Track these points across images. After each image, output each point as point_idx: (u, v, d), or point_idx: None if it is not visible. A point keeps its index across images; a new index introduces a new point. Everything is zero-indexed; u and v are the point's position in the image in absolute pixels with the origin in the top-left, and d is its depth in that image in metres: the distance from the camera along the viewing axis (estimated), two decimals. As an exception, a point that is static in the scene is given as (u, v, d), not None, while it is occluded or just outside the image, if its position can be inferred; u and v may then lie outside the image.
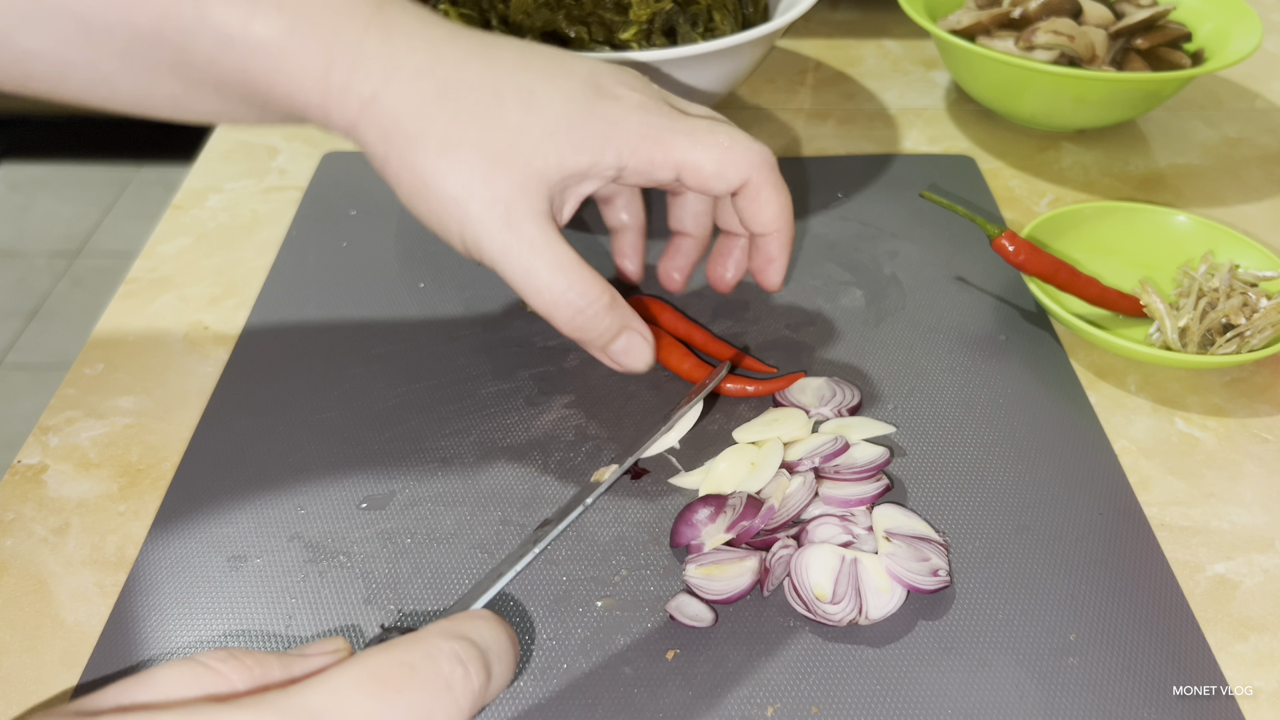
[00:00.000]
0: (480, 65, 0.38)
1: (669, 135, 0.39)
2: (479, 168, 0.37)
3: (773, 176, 0.41)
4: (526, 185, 0.38)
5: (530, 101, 0.38)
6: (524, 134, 0.38)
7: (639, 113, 0.39)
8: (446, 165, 0.37)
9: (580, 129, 0.38)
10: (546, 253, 0.38)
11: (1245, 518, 0.41)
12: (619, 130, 0.39)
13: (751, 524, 0.37)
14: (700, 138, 0.40)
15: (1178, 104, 0.70)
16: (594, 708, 0.33)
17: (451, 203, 0.38)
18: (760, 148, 0.41)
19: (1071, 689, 0.34)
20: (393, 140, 0.38)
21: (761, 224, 0.42)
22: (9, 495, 0.40)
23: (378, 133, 0.38)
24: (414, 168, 0.38)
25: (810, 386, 0.44)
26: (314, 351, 0.47)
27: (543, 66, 0.39)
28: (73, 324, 1.79)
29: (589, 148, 0.38)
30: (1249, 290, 0.48)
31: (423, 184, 0.38)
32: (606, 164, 0.39)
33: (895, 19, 0.80)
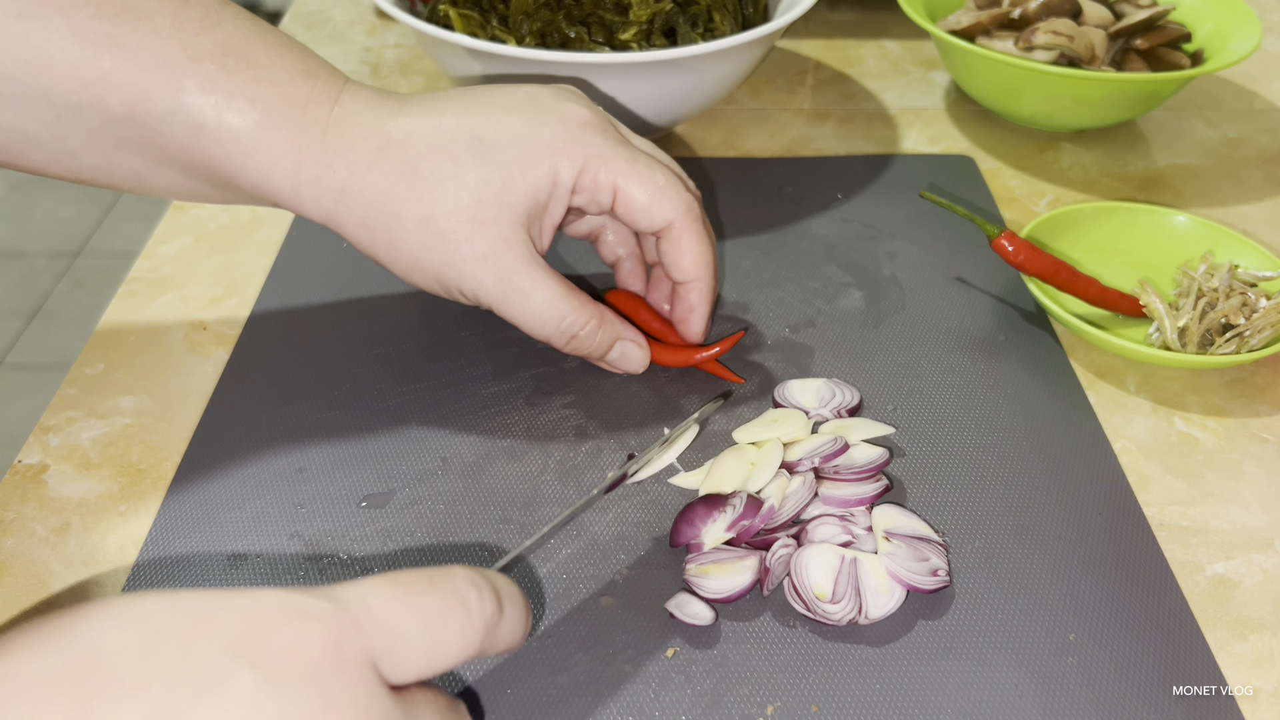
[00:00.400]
0: (429, 130, 0.40)
1: (612, 159, 0.41)
2: (458, 232, 0.39)
3: (695, 225, 0.42)
4: (504, 234, 0.40)
5: (481, 150, 0.40)
6: (486, 185, 0.39)
7: (585, 131, 0.41)
8: (428, 238, 0.40)
9: (531, 160, 0.40)
10: (536, 294, 0.40)
11: (1245, 517, 0.41)
12: (567, 149, 0.40)
13: (751, 523, 0.37)
14: (639, 168, 0.41)
15: (1177, 104, 0.70)
16: (594, 705, 0.33)
17: (444, 268, 0.40)
18: (688, 196, 0.42)
19: (1071, 688, 0.34)
20: (373, 228, 0.40)
21: (681, 270, 0.43)
22: (9, 495, 0.40)
23: (356, 221, 0.40)
24: (400, 248, 0.40)
25: (810, 388, 0.44)
26: (314, 351, 0.47)
27: (483, 110, 0.41)
28: (73, 324, 1.79)
29: (544, 173, 0.40)
30: (1248, 290, 0.48)
31: (413, 260, 0.40)
32: (563, 183, 0.40)
33: (895, 19, 0.80)
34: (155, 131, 0.38)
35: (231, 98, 0.38)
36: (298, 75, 0.39)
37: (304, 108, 0.39)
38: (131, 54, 0.37)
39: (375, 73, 0.72)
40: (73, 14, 0.36)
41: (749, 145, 0.64)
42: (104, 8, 0.37)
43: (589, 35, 0.58)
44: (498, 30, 0.59)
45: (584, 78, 0.54)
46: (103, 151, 0.39)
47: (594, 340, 0.42)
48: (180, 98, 0.37)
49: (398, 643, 0.25)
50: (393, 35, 0.77)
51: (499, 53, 0.52)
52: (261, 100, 0.38)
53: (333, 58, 0.73)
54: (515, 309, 0.41)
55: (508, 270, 0.40)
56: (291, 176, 0.39)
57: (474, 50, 0.54)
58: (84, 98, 0.37)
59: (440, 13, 0.60)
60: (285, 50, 0.40)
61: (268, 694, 0.22)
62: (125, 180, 0.40)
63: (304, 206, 0.40)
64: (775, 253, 0.54)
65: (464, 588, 0.26)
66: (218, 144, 0.38)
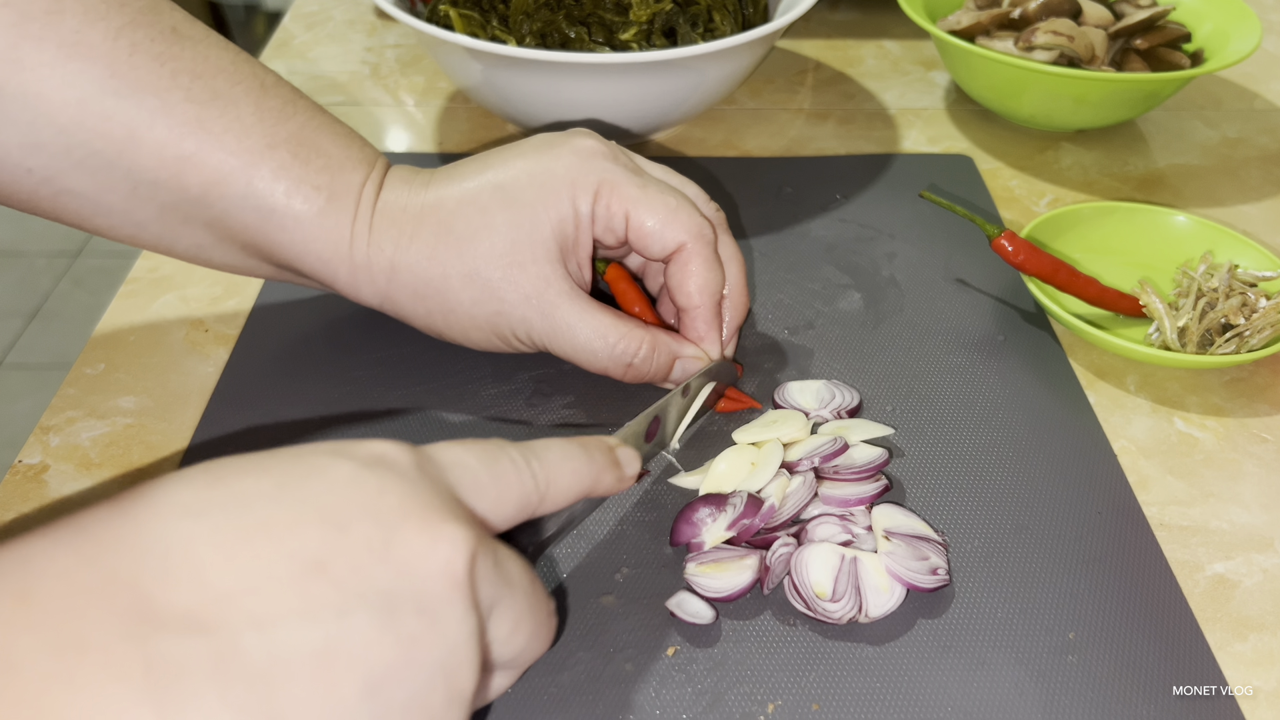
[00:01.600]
0: (456, 192, 0.41)
1: (623, 185, 0.41)
2: (500, 279, 0.41)
3: (705, 250, 0.42)
4: (542, 272, 0.41)
5: (504, 196, 0.41)
6: (516, 227, 0.40)
7: (595, 159, 0.41)
8: (477, 292, 0.41)
9: (552, 194, 0.41)
10: (582, 326, 0.41)
11: (1244, 517, 0.41)
12: (581, 178, 0.41)
13: (752, 522, 0.37)
14: (650, 194, 0.41)
15: (1177, 104, 0.70)
16: (595, 704, 0.33)
17: (495, 318, 0.41)
18: (700, 220, 0.42)
19: (1070, 687, 0.34)
20: (425, 295, 0.41)
21: (685, 294, 0.42)
22: (10, 495, 0.40)
23: (410, 294, 0.42)
24: (454, 309, 0.41)
25: (809, 389, 0.44)
26: (314, 353, 0.47)
27: (500, 161, 0.42)
28: (73, 324, 1.79)
29: (566, 205, 0.41)
30: (1248, 290, 0.48)
31: (469, 318, 0.41)
32: (583, 213, 0.41)
33: (895, 19, 0.81)
34: (225, 211, 0.40)
35: (301, 185, 0.40)
36: (359, 163, 0.42)
37: (359, 194, 0.41)
38: (216, 138, 0.39)
39: (375, 73, 0.72)
40: (165, 96, 0.38)
41: (749, 145, 0.64)
42: (195, 93, 0.38)
43: (589, 35, 0.58)
44: (498, 30, 0.59)
45: (584, 78, 0.54)
46: (170, 224, 0.40)
47: (652, 364, 0.42)
48: (254, 183, 0.39)
49: (464, 474, 0.28)
50: (393, 35, 0.77)
51: (499, 53, 0.53)
52: (325, 188, 0.40)
53: (332, 58, 0.74)
54: (566, 344, 0.41)
55: (550, 307, 0.41)
56: (348, 261, 0.41)
57: (474, 50, 0.54)
58: (163, 175, 0.38)
59: (440, 13, 0.60)
60: (350, 140, 0.42)
61: (366, 474, 0.25)
62: (187, 251, 0.42)
63: (360, 290, 0.42)
64: (774, 254, 0.54)
65: (510, 454, 0.29)
66: (283, 229, 0.40)
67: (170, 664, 0.20)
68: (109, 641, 0.20)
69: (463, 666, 0.24)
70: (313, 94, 0.69)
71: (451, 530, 0.25)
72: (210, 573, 0.22)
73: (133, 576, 0.21)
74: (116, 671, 0.20)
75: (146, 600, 0.21)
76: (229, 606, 0.21)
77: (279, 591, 0.22)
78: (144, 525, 0.22)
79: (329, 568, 0.23)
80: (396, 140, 0.64)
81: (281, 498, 0.24)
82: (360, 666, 0.22)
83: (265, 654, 0.21)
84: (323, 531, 0.23)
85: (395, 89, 0.70)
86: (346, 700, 0.22)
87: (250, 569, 0.22)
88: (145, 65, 0.37)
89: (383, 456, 0.26)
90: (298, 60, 0.73)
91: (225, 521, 0.23)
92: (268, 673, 0.21)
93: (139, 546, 0.22)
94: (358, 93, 0.69)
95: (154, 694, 0.20)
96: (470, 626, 0.25)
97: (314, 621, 0.22)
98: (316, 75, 0.71)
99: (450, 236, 0.41)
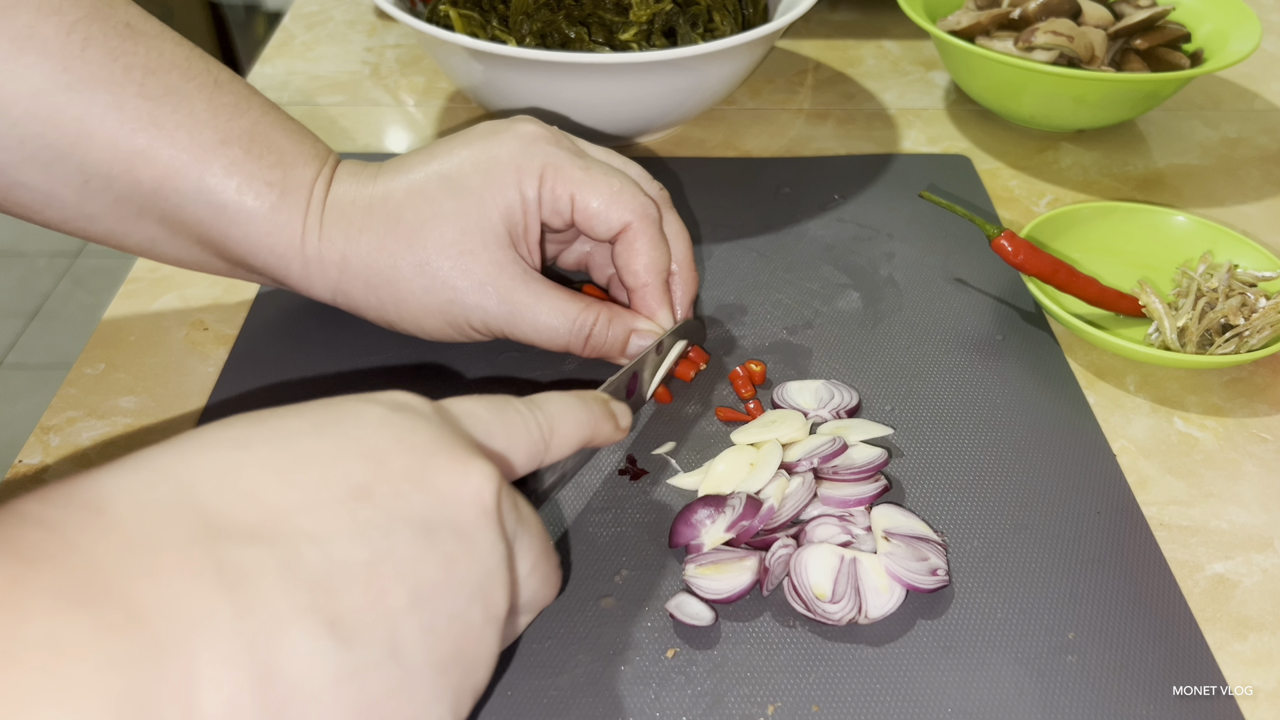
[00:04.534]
0: (402, 183, 0.42)
1: (567, 168, 0.41)
2: (452, 268, 0.41)
3: (650, 229, 0.43)
4: (494, 258, 0.41)
5: (450, 185, 0.41)
6: (464, 215, 0.41)
7: (538, 145, 0.42)
8: (428, 281, 0.41)
9: (498, 181, 0.41)
10: (541, 306, 0.42)
11: (1244, 517, 0.41)
12: (525, 163, 0.41)
13: (751, 524, 0.37)
14: (593, 176, 0.42)
15: (1177, 104, 0.70)
16: (595, 707, 0.33)
17: (449, 306, 0.41)
18: (644, 200, 0.42)
19: (1070, 687, 0.34)
20: (376, 286, 0.42)
21: (632, 274, 0.43)
22: (10, 495, 0.40)
23: (361, 285, 0.42)
24: (405, 300, 0.42)
25: (808, 389, 0.44)
26: (313, 353, 0.47)
27: (444, 152, 0.42)
28: (74, 324, 1.79)
29: (512, 191, 0.41)
30: (1247, 290, 0.48)
31: (421, 308, 0.42)
32: (530, 198, 0.41)
33: (894, 19, 0.80)
34: (178, 206, 0.40)
35: (253, 180, 0.40)
36: (311, 158, 0.42)
37: (310, 190, 0.41)
38: (168, 133, 0.39)
39: (375, 73, 0.72)
40: (118, 91, 0.38)
41: (749, 145, 0.64)
42: (148, 88, 0.39)
43: (589, 35, 0.58)
44: (498, 30, 0.59)
45: (584, 78, 0.54)
46: (122, 218, 0.41)
47: (608, 334, 0.43)
48: (206, 179, 0.39)
49: (477, 424, 0.30)
50: (393, 35, 0.77)
51: (499, 53, 0.53)
52: (278, 184, 0.41)
53: (333, 58, 0.74)
54: (526, 326, 0.42)
55: (507, 291, 0.41)
56: (300, 255, 0.41)
57: (474, 50, 0.54)
58: (116, 169, 0.39)
59: (440, 13, 0.60)
60: (302, 137, 0.42)
61: (395, 416, 0.27)
62: (138, 245, 0.42)
63: (312, 283, 0.42)
64: (773, 254, 0.54)
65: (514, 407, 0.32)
66: (236, 224, 0.40)
67: (239, 567, 0.22)
68: (181, 545, 0.22)
69: (497, 588, 0.26)
70: (313, 94, 0.69)
71: (480, 464, 0.27)
72: (266, 493, 0.24)
73: (194, 496, 0.23)
74: (192, 569, 0.21)
75: (210, 514, 0.23)
76: (286, 522, 0.23)
77: (330, 511, 0.24)
78: (196, 457, 0.24)
79: (373, 493, 0.25)
80: (396, 140, 0.64)
81: (322, 434, 0.25)
82: (408, 579, 0.24)
83: (323, 562, 0.23)
84: (364, 462, 0.25)
85: (395, 89, 0.70)
86: (397, 609, 0.24)
87: (302, 491, 0.24)
88: (98, 60, 0.37)
89: (406, 403, 0.28)
90: (298, 60, 0.73)
91: (272, 453, 0.24)
92: (326, 579, 0.23)
93: (196, 473, 0.23)
94: (358, 93, 0.69)
95: (228, 591, 0.21)
96: (501, 552, 0.27)
97: (363, 538, 0.24)
98: (316, 75, 0.71)
99: (400, 227, 0.41)
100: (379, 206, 0.41)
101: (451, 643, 0.25)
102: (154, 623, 0.20)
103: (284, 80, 0.70)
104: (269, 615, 0.22)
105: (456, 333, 0.43)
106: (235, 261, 0.42)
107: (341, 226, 0.41)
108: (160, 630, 0.20)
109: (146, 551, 0.21)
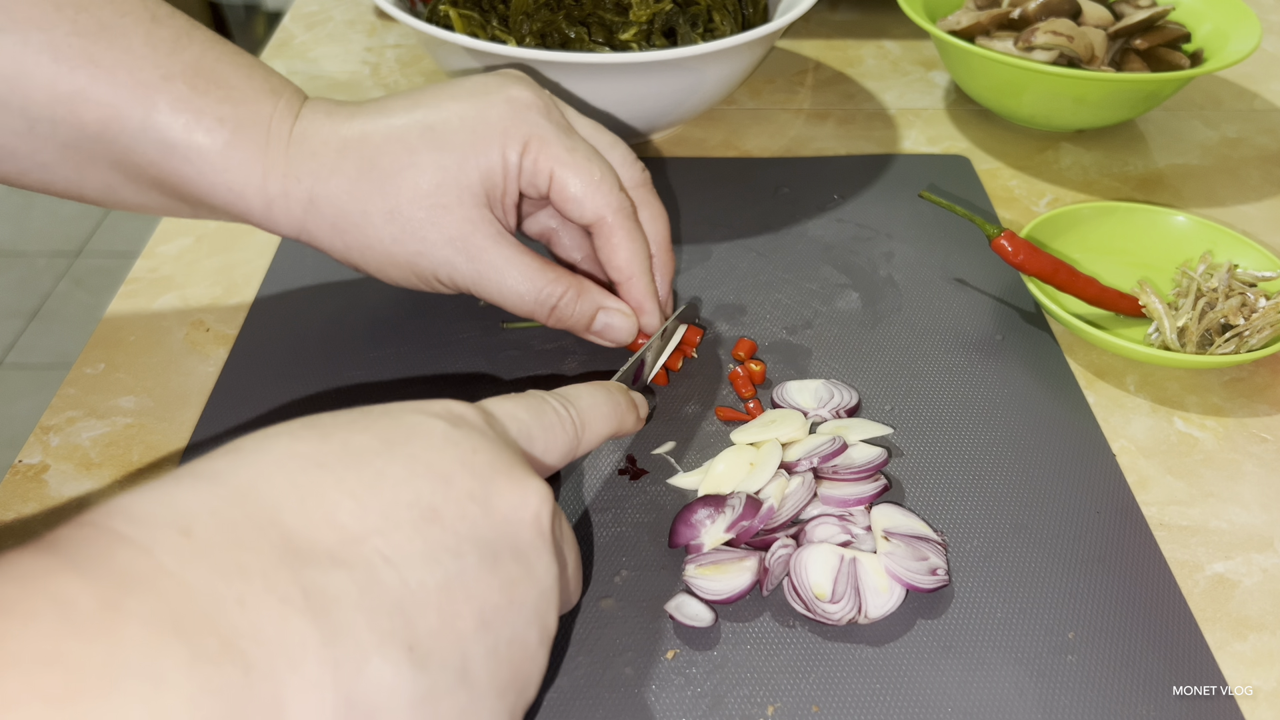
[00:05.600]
0: (382, 128, 0.41)
1: (552, 143, 0.41)
2: (423, 219, 0.40)
3: (627, 223, 0.42)
4: (468, 215, 0.40)
5: (433, 137, 0.40)
6: (443, 169, 0.40)
7: (528, 112, 0.41)
8: (397, 230, 0.40)
9: (483, 141, 0.40)
10: (510, 269, 0.41)
11: (1244, 517, 0.41)
12: (513, 129, 0.41)
13: (751, 524, 0.37)
14: (577, 158, 0.41)
15: (1176, 104, 0.70)
16: (595, 708, 0.33)
17: (416, 257, 0.41)
18: (621, 197, 0.42)
19: (1070, 687, 0.34)
20: (344, 229, 0.41)
21: (614, 267, 0.43)
22: (10, 495, 0.40)
23: (327, 227, 0.41)
24: (372, 245, 0.41)
25: (808, 388, 0.44)
26: (313, 352, 0.47)
27: (432, 101, 0.42)
28: (73, 324, 1.79)
29: (496, 154, 0.40)
30: (1247, 290, 0.48)
31: (387, 255, 0.41)
32: (512, 163, 0.41)
33: (894, 19, 0.80)
34: (127, 148, 0.39)
35: (201, 117, 0.39)
36: (264, 94, 0.41)
37: (269, 125, 0.40)
38: (106, 71, 0.38)
39: (375, 73, 0.72)
40: (50, 30, 0.37)
41: (749, 145, 0.64)
42: (81, 25, 0.38)
43: (589, 35, 0.58)
44: (498, 30, 0.59)
45: (584, 78, 0.54)
46: (75, 164, 0.40)
47: (574, 309, 0.43)
48: (152, 116, 0.38)
49: (520, 428, 0.30)
50: (393, 35, 0.77)
51: (499, 53, 0.53)
52: (230, 120, 0.39)
53: (333, 58, 0.74)
54: (492, 287, 0.41)
55: (478, 250, 0.41)
56: (261, 193, 0.40)
57: (474, 50, 0.54)
58: (58, 112, 0.38)
59: (440, 13, 0.60)
60: (252, 70, 0.41)
61: (458, 434, 0.27)
62: (97, 193, 0.41)
63: (276, 221, 0.41)
64: (772, 254, 0.54)
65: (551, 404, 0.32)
66: (188, 162, 0.39)
67: (323, 593, 0.22)
68: (267, 571, 0.22)
69: (551, 609, 0.27)
70: (312, 94, 0.69)
71: (536, 485, 0.27)
72: (342, 516, 0.24)
73: (274, 517, 0.23)
74: (279, 595, 0.21)
75: (291, 537, 0.23)
76: (364, 545, 0.23)
77: (404, 534, 0.24)
78: (271, 474, 0.24)
79: (442, 515, 0.25)
80: (396, 140, 0.64)
81: (391, 454, 0.26)
82: (475, 602, 0.25)
83: (400, 587, 0.23)
84: (432, 484, 0.25)
85: (395, 89, 0.70)
86: (467, 632, 0.24)
87: (376, 514, 0.24)
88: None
89: (462, 416, 0.28)
90: (298, 60, 0.73)
91: (347, 473, 0.25)
92: (404, 603, 0.23)
93: (274, 491, 0.23)
94: (358, 93, 0.69)
95: (314, 617, 0.22)
96: (555, 573, 0.27)
97: (436, 561, 0.24)
98: (316, 75, 0.71)
99: (374, 172, 0.40)
100: (353, 149, 0.40)
101: (511, 665, 0.25)
102: (246, 651, 0.20)
103: (284, 80, 0.70)
104: (354, 641, 0.22)
105: (421, 283, 0.42)
106: (194, 203, 0.41)
107: (310, 166, 0.40)
108: (251, 658, 0.20)
109: (236, 577, 0.21)
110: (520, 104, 0.41)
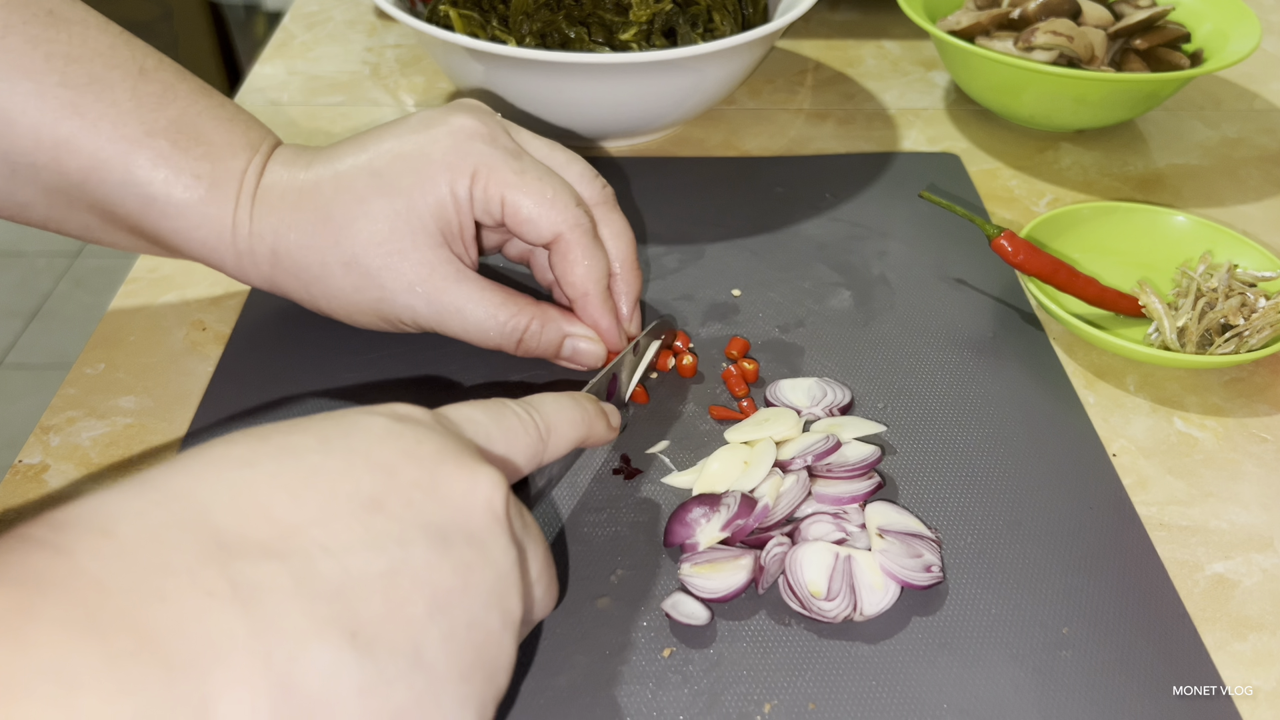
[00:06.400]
0: (330, 176, 0.41)
1: (500, 168, 0.40)
2: (381, 267, 0.40)
3: (584, 239, 0.42)
4: (424, 258, 0.41)
5: (379, 183, 0.40)
6: (394, 215, 0.40)
7: (472, 142, 0.41)
8: (357, 279, 0.41)
9: (429, 180, 0.40)
10: (471, 307, 0.41)
11: (1244, 517, 0.41)
12: (457, 161, 0.40)
13: (746, 522, 0.37)
14: (527, 180, 0.41)
15: (1176, 104, 0.70)
16: (591, 707, 0.33)
17: (378, 304, 0.41)
18: (577, 213, 0.41)
19: (1066, 682, 0.34)
20: (308, 281, 0.42)
21: (569, 284, 0.43)
22: (10, 495, 0.40)
23: (293, 279, 0.42)
24: (336, 295, 0.42)
25: (801, 387, 0.44)
26: (311, 353, 0.47)
27: (376, 144, 0.41)
28: (73, 324, 1.80)
29: (444, 190, 0.40)
30: (1247, 290, 0.48)
31: (352, 304, 0.42)
32: (461, 197, 0.41)
33: (894, 20, 0.80)
34: (107, 196, 0.40)
35: (180, 173, 0.40)
36: (241, 148, 0.41)
37: (240, 180, 0.41)
38: (91, 123, 0.39)
39: (375, 73, 0.72)
40: (40, 80, 0.38)
41: (749, 145, 0.64)
42: (69, 77, 0.38)
43: (589, 35, 0.58)
44: (498, 30, 0.59)
45: (584, 78, 0.54)
46: (55, 206, 0.41)
47: (540, 340, 0.43)
48: (133, 171, 0.39)
49: (477, 430, 0.30)
50: (393, 35, 0.77)
51: (499, 53, 0.53)
52: (206, 176, 0.40)
53: (333, 58, 0.74)
54: (456, 326, 0.42)
55: (437, 291, 0.41)
56: (232, 248, 0.41)
57: (474, 50, 0.54)
58: (41, 159, 0.39)
59: (440, 13, 0.60)
60: (233, 123, 0.42)
61: (400, 427, 0.27)
62: (76, 231, 0.42)
63: (246, 274, 0.42)
64: (766, 253, 0.54)
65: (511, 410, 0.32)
66: (165, 216, 0.40)
67: (254, 584, 0.22)
68: (193, 566, 0.21)
69: (511, 592, 0.27)
70: (312, 94, 0.69)
71: (487, 470, 0.27)
72: (277, 510, 0.23)
73: (204, 516, 0.23)
74: (204, 589, 0.21)
75: (220, 534, 0.22)
76: (299, 536, 0.23)
77: (343, 524, 0.24)
78: (203, 476, 0.24)
79: (385, 504, 0.25)
80: (396, 140, 0.64)
81: (329, 449, 0.25)
82: (425, 588, 0.24)
83: (340, 574, 0.23)
84: (373, 474, 0.25)
85: (395, 89, 0.70)
86: (417, 617, 0.24)
87: (313, 506, 0.24)
88: (18, 48, 0.37)
89: (409, 414, 0.28)
90: (298, 60, 0.73)
91: (280, 469, 0.24)
92: (344, 590, 0.23)
93: (205, 491, 0.23)
94: (358, 93, 0.69)
95: (243, 608, 0.21)
96: (513, 556, 0.27)
97: (379, 548, 0.24)
98: (316, 75, 0.71)
99: (329, 224, 0.40)
100: (307, 200, 0.41)
101: (473, 650, 0.25)
102: (166, 646, 0.20)
103: (284, 80, 0.71)
104: (287, 630, 0.22)
105: (390, 326, 0.43)
106: (172, 250, 0.42)
107: (271, 221, 0.41)
108: (173, 653, 0.20)
109: (157, 574, 0.21)
110: (464, 134, 0.41)
